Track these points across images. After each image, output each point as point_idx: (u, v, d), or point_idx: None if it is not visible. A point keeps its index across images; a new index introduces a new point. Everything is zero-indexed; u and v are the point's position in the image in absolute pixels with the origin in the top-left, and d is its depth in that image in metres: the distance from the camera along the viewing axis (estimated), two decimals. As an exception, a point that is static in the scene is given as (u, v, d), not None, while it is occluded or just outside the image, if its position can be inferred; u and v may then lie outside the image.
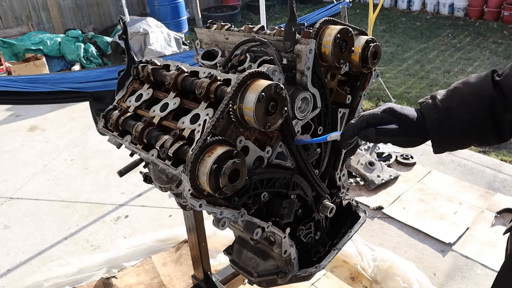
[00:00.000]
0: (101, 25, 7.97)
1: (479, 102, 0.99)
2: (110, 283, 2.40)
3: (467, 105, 1.00)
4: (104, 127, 1.32)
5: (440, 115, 1.02)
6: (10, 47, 6.03)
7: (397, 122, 1.03)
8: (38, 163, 3.86)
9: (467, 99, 1.01)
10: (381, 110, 1.05)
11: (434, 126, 1.02)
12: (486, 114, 0.98)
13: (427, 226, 2.78)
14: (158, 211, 3.10)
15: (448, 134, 1.02)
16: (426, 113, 1.04)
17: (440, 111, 1.02)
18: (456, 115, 1.00)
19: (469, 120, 0.99)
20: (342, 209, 1.61)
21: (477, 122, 0.99)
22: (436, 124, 1.02)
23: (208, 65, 1.42)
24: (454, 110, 1.01)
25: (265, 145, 1.16)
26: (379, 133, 1.03)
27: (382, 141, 1.07)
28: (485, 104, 0.98)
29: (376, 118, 1.04)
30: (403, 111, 1.04)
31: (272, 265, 1.39)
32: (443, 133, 1.02)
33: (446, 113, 1.01)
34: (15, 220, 3.10)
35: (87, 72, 3.05)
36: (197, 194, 0.99)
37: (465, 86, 1.03)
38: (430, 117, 1.03)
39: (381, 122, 1.04)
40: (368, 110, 1.07)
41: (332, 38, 1.19)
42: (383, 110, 1.05)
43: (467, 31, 7.53)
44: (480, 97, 0.99)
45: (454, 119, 1.00)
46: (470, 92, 1.01)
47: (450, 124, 1.01)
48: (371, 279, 2.37)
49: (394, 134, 1.04)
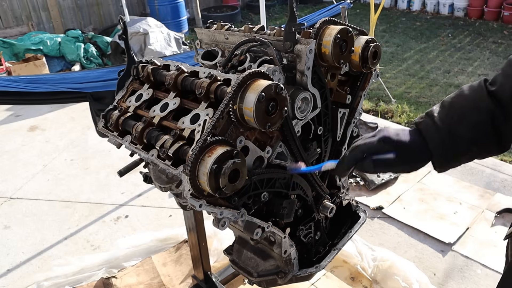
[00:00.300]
0: (101, 25, 7.97)
1: (479, 116, 0.96)
2: (110, 283, 2.40)
3: (468, 121, 0.96)
4: (104, 127, 1.32)
5: (441, 135, 0.98)
6: (10, 47, 6.02)
7: (394, 151, 0.98)
8: (38, 163, 3.86)
9: (466, 114, 0.97)
10: (376, 139, 1.00)
11: (439, 148, 0.98)
12: (487, 126, 0.95)
13: (427, 226, 2.78)
14: (158, 211, 3.10)
15: (452, 153, 0.98)
16: (428, 136, 0.99)
17: (442, 131, 0.98)
18: (458, 133, 0.96)
19: (471, 136, 0.96)
20: (342, 209, 1.61)
21: (479, 136, 0.96)
22: (441, 145, 0.98)
23: (208, 65, 1.42)
24: (455, 129, 0.97)
25: (265, 145, 1.16)
26: (377, 165, 0.99)
27: (380, 172, 1.02)
28: (485, 117, 0.95)
29: (372, 148, 0.99)
30: (399, 138, 1.00)
31: (272, 265, 1.39)
32: (447, 154, 0.98)
33: (448, 132, 0.97)
34: (15, 220, 3.10)
35: (87, 73, 3.05)
36: (197, 194, 0.99)
37: (461, 99, 1.00)
38: (433, 139, 0.98)
39: (377, 152, 0.99)
40: (363, 138, 1.03)
41: (332, 38, 1.19)
42: (379, 139, 1.00)
43: (467, 31, 7.53)
44: (479, 111, 0.96)
45: (457, 138, 0.97)
46: (468, 106, 0.98)
47: (453, 144, 0.97)
48: (371, 279, 2.37)
49: (392, 165, 1.00)
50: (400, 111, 4.64)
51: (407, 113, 4.57)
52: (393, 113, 4.62)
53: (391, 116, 4.57)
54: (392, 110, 4.68)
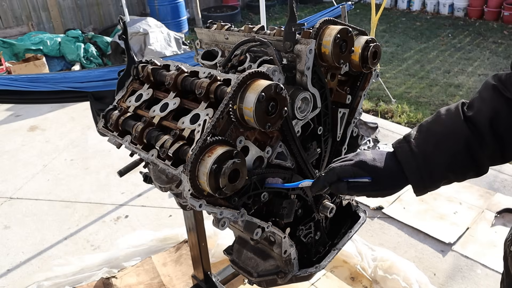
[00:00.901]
0: (101, 25, 7.97)
1: (455, 143, 0.96)
2: (110, 283, 2.40)
3: (444, 148, 0.97)
4: (104, 127, 1.32)
5: (418, 162, 0.99)
6: (10, 47, 6.03)
7: (369, 177, 1.00)
8: (38, 163, 3.86)
9: (442, 141, 0.98)
10: (352, 163, 1.02)
11: (415, 175, 0.99)
12: (463, 154, 0.96)
13: (427, 226, 2.78)
14: (158, 211, 3.10)
15: (428, 179, 0.99)
16: (404, 162, 1.00)
17: (418, 157, 0.99)
18: (434, 160, 0.97)
19: (447, 164, 0.97)
20: (342, 209, 1.61)
21: (455, 163, 0.97)
22: (416, 172, 0.99)
23: (208, 65, 1.42)
24: (431, 155, 0.98)
25: (265, 145, 1.16)
26: (351, 188, 1.01)
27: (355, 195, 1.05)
28: (461, 145, 0.95)
29: (347, 172, 1.01)
30: (375, 164, 1.01)
31: (272, 265, 1.39)
32: (423, 180, 0.99)
33: (423, 159, 0.98)
34: (15, 220, 3.10)
35: (88, 72, 3.05)
36: (197, 194, 0.99)
37: (437, 125, 1.00)
38: (409, 166, 1.00)
39: (352, 176, 1.01)
40: (340, 160, 1.06)
41: (332, 38, 1.19)
42: (354, 163, 1.01)
43: (467, 31, 7.53)
44: (455, 137, 0.96)
45: (432, 165, 0.98)
46: (444, 132, 0.98)
47: (429, 170, 0.98)
48: (371, 279, 2.37)
49: (367, 189, 1.01)
50: (400, 111, 4.64)
51: (407, 113, 4.57)
52: (393, 113, 4.62)
53: (391, 116, 4.58)
54: (392, 110, 4.68)
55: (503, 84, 0.94)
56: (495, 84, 0.95)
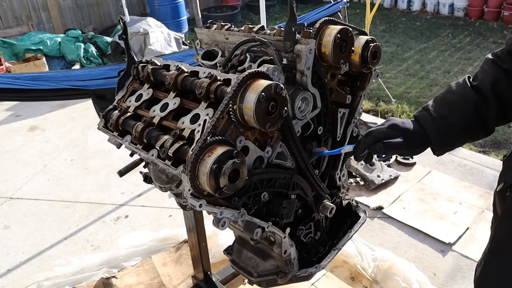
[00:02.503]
0: (101, 25, 7.97)
1: (466, 106, 1.17)
2: (110, 283, 2.40)
3: (457, 110, 1.18)
4: (104, 127, 1.32)
5: (437, 123, 1.19)
6: (10, 47, 6.03)
7: (401, 136, 1.19)
8: (38, 163, 3.86)
9: (455, 106, 1.19)
10: (386, 126, 1.21)
11: (435, 134, 1.19)
12: (473, 115, 1.16)
13: (427, 226, 2.78)
14: (158, 211, 3.11)
15: (447, 138, 1.19)
16: (425, 124, 1.20)
17: (437, 120, 1.19)
18: (450, 121, 1.18)
19: (461, 123, 1.17)
20: (342, 209, 1.61)
21: (468, 122, 1.17)
22: (437, 132, 1.19)
23: (208, 65, 1.41)
24: (447, 117, 1.18)
25: (265, 145, 1.16)
26: (386, 147, 1.18)
27: (389, 154, 1.25)
28: (471, 107, 1.16)
29: (383, 133, 1.20)
30: (405, 126, 1.20)
31: (272, 265, 1.39)
32: (443, 138, 1.19)
33: (442, 121, 1.18)
34: (15, 220, 3.10)
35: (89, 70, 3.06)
36: (197, 194, 0.99)
37: (450, 94, 1.22)
38: (430, 127, 1.19)
39: (387, 137, 1.19)
40: (375, 126, 1.25)
41: (332, 38, 1.19)
42: (388, 126, 1.20)
43: (467, 31, 7.53)
44: (466, 102, 1.17)
45: (449, 125, 1.18)
46: (456, 99, 1.20)
47: (447, 130, 1.18)
48: (371, 279, 2.37)
49: (400, 147, 1.19)
50: (400, 111, 4.64)
51: (407, 113, 4.57)
52: (393, 113, 4.62)
53: (391, 116, 4.58)
54: (392, 110, 4.68)
55: (499, 58, 1.17)
56: (493, 58, 1.18)
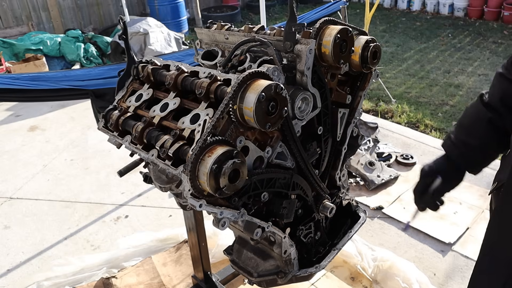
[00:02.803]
0: (101, 25, 7.97)
1: (481, 126, 1.22)
2: (110, 283, 2.40)
3: (473, 132, 1.24)
4: (104, 127, 1.32)
5: (460, 149, 1.27)
6: (10, 47, 6.02)
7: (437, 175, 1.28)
8: (38, 163, 3.86)
9: (471, 128, 1.25)
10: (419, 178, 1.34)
11: (461, 160, 1.27)
12: (491, 133, 1.20)
13: (427, 226, 2.78)
14: (158, 211, 3.10)
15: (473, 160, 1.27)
16: (450, 153, 1.30)
17: (458, 146, 1.27)
18: (470, 144, 1.24)
19: (481, 144, 1.23)
20: (342, 209, 1.61)
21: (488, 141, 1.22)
22: (461, 157, 1.27)
23: (208, 65, 1.41)
24: (467, 141, 1.25)
25: (265, 145, 1.16)
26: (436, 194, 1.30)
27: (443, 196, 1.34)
28: (486, 126, 1.20)
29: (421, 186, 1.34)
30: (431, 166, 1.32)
31: (272, 265, 1.39)
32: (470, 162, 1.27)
33: (463, 146, 1.26)
34: (15, 220, 3.10)
35: (89, 70, 3.06)
36: (197, 194, 0.99)
37: (465, 118, 1.30)
38: (454, 154, 1.28)
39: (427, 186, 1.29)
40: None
41: (332, 38, 1.19)
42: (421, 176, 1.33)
43: (467, 31, 7.53)
44: (480, 121, 1.22)
45: (470, 148, 1.24)
46: (471, 121, 1.27)
47: (470, 153, 1.25)
48: (371, 279, 2.37)
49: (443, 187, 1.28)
50: (400, 111, 4.64)
51: (407, 113, 4.57)
52: (393, 113, 4.62)
53: (391, 116, 4.58)
54: (392, 110, 4.68)
55: (507, 69, 1.18)
56: (501, 71, 1.20)
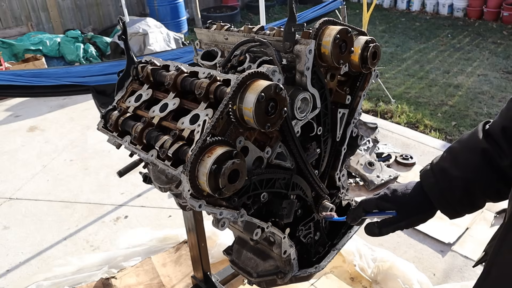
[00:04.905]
0: (100, 26, 7.97)
1: (471, 156, 0.96)
2: (109, 284, 2.39)
3: (460, 161, 0.98)
4: (103, 127, 1.32)
5: (436, 178, 0.99)
6: (9, 47, 6.02)
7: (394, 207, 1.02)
8: (38, 163, 3.86)
9: (458, 155, 0.99)
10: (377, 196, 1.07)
11: (433, 190, 0.99)
12: (480, 166, 0.95)
13: (426, 226, 2.76)
14: (157, 212, 3.10)
15: (448, 194, 0.98)
16: (424, 180, 1.03)
17: (436, 173, 1.00)
18: (451, 174, 0.97)
19: (464, 176, 0.96)
20: (342, 209, 1.61)
21: (475, 175, 0.95)
22: (434, 187, 0.99)
23: (208, 66, 1.41)
24: (448, 170, 0.98)
25: (265, 146, 1.16)
26: (381, 226, 1.05)
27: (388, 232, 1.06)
28: (478, 157, 0.95)
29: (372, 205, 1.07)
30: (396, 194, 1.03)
31: (271, 265, 1.39)
32: (443, 195, 0.98)
33: (441, 174, 0.99)
34: (14, 221, 3.09)
35: (90, 67, 3.09)
36: (197, 195, 0.99)
37: (458, 144, 1.02)
38: (428, 182, 1.01)
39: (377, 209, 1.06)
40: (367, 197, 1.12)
41: (331, 39, 1.19)
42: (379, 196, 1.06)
43: (466, 32, 7.54)
44: (471, 150, 0.97)
45: (450, 179, 0.97)
46: (462, 148, 1.00)
47: (448, 185, 0.97)
48: (371, 280, 2.37)
49: (395, 221, 1.03)
50: (399, 111, 4.64)
51: (406, 113, 4.57)
52: (392, 113, 4.62)
53: (391, 116, 4.58)
54: (391, 110, 4.68)
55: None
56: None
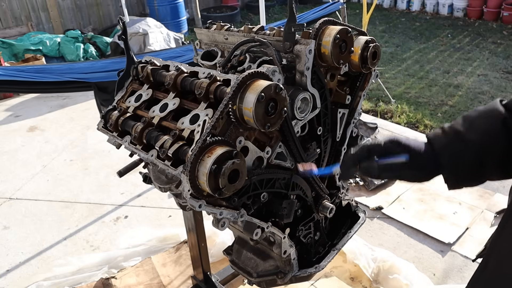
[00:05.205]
0: (100, 26, 7.96)
1: (491, 123, 0.90)
2: (109, 284, 2.39)
3: (478, 127, 0.90)
4: (103, 127, 1.32)
5: (449, 139, 0.92)
6: (9, 47, 6.02)
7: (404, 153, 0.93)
8: (38, 163, 3.86)
9: (476, 121, 0.92)
10: (384, 140, 0.97)
11: (445, 150, 0.91)
12: (499, 133, 0.88)
13: (426, 226, 2.78)
14: (157, 212, 3.10)
15: (459, 159, 0.90)
16: (435, 140, 0.94)
17: (449, 135, 0.92)
18: (467, 137, 0.90)
19: (480, 141, 0.89)
20: (342, 209, 1.61)
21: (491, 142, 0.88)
22: (447, 147, 0.91)
23: (208, 66, 1.41)
24: (463, 133, 0.90)
25: (265, 146, 1.16)
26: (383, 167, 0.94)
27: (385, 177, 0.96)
28: (498, 124, 0.88)
29: (379, 147, 0.95)
30: (409, 142, 0.94)
31: (271, 265, 1.39)
32: (453, 158, 0.91)
33: (456, 136, 0.91)
34: (14, 221, 3.09)
35: (92, 63, 3.10)
36: (197, 195, 0.99)
37: (474, 112, 0.95)
38: (439, 142, 0.93)
39: (383, 153, 0.95)
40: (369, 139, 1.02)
41: (331, 39, 1.19)
42: (387, 140, 0.96)
43: (466, 32, 7.54)
44: (491, 117, 0.90)
45: (465, 142, 0.90)
46: (479, 115, 0.93)
47: (462, 147, 0.90)
48: (371, 279, 2.37)
49: (401, 167, 0.93)
50: (399, 111, 4.64)
51: (406, 113, 4.57)
52: (392, 113, 4.62)
53: (391, 116, 4.58)
54: (391, 110, 4.68)
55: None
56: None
